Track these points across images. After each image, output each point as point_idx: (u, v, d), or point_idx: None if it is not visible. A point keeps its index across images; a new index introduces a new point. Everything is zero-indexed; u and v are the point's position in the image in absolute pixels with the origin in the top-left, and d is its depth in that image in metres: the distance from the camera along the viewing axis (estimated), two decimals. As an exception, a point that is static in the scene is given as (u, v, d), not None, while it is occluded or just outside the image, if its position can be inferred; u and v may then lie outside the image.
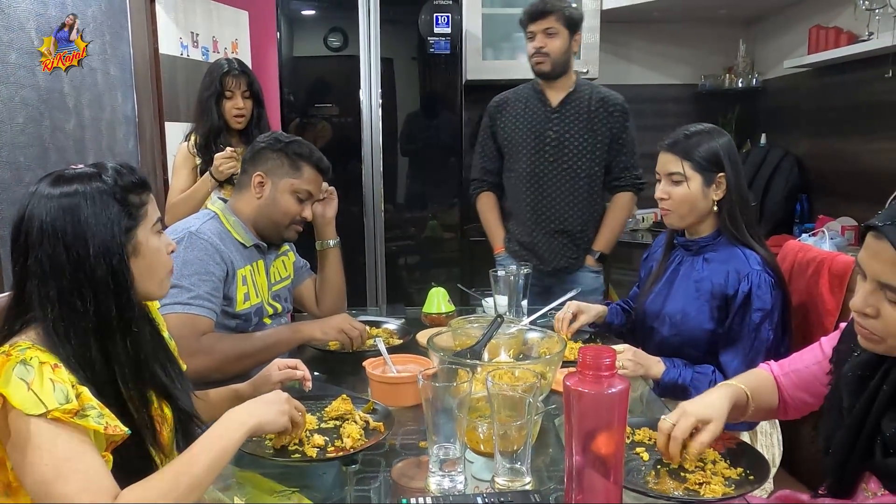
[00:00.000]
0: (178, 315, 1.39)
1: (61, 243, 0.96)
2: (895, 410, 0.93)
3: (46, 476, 0.87)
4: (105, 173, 1.02)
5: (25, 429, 0.88)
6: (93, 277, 0.97)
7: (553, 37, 2.15)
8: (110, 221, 0.99)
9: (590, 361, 0.79)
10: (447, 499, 0.93)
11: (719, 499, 0.93)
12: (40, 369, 0.90)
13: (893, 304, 0.88)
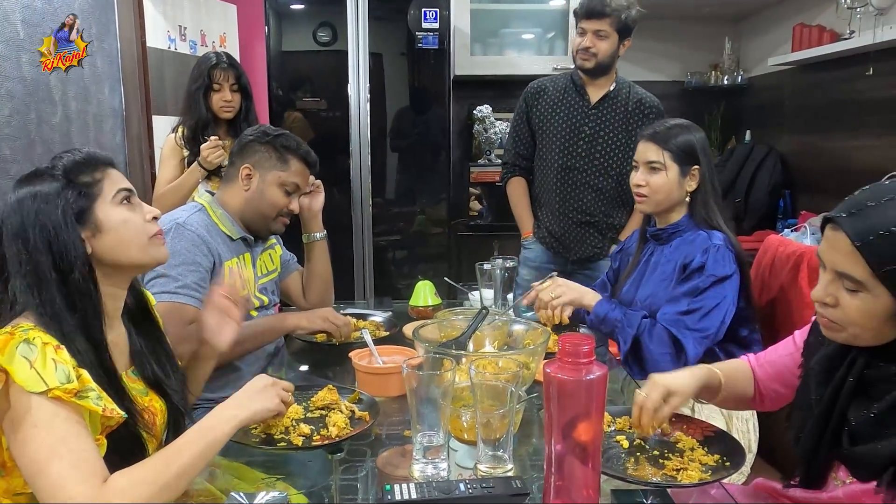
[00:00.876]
0: (164, 304, 1.40)
1: (16, 242, 1.00)
2: (860, 400, 0.95)
3: (40, 455, 0.88)
4: (55, 167, 1.04)
5: (25, 406, 0.89)
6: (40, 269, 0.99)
7: (603, 39, 2.16)
8: (54, 209, 1.00)
9: (569, 349, 0.81)
10: (430, 485, 0.94)
11: (696, 484, 0.96)
12: (43, 349, 0.92)
13: (851, 292, 0.91)
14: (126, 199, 1.08)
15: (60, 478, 0.88)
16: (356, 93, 2.83)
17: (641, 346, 1.52)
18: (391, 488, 0.93)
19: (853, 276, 0.90)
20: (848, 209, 0.92)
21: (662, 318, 1.52)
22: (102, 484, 0.89)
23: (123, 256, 1.07)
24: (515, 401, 1.03)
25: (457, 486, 0.94)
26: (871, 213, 0.90)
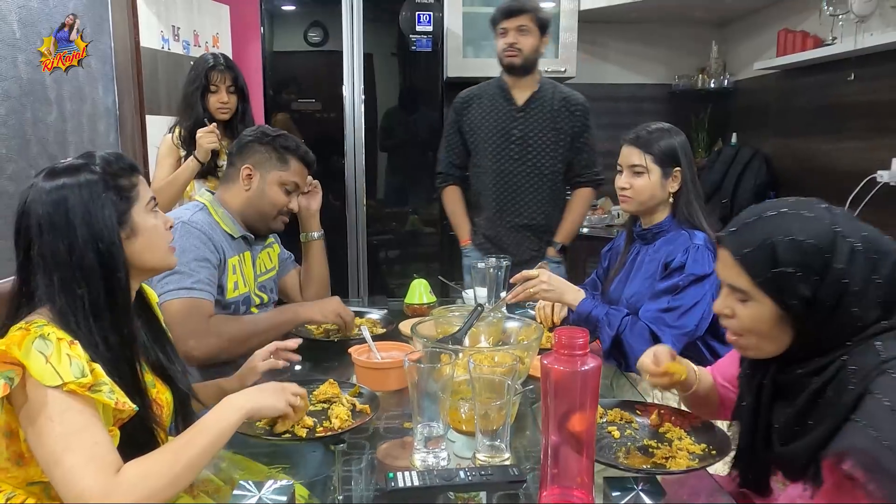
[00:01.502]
0: (183, 300, 1.44)
1: (56, 235, 1.01)
2: (781, 403, 1.01)
3: (55, 447, 0.91)
4: (93, 163, 1.07)
5: (42, 399, 0.92)
6: (84, 264, 1.02)
7: (525, 34, 2.23)
8: (100, 209, 1.03)
9: (565, 342, 0.85)
10: (431, 473, 0.99)
11: (683, 471, 1.00)
12: (58, 344, 0.95)
13: (742, 302, 0.98)
14: (154, 207, 1.13)
15: (74, 469, 0.91)
16: (350, 94, 2.87)
17: (623, 342, 1.58)
18: (394, 476, 0.97)
19: (739, 286, 0.98)
20: (730, 228, 1.01)
21: (644, 314, 1.58)
22: (115, 476, 0.92)
23: (148, 260, 1.11)
24: (512, 393, 1.08)
25: (457, 474, 0.98)
26: (747, 229, 0.98)
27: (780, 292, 0.94)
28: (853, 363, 0.91)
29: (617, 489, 0.98)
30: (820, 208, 0.97)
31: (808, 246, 0.92)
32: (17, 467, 1.01)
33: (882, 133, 2.36)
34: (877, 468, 0.82)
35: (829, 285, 0.92)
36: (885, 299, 0.92)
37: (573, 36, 3.19)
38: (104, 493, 0.90)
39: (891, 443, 0.82)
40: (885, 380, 0.87)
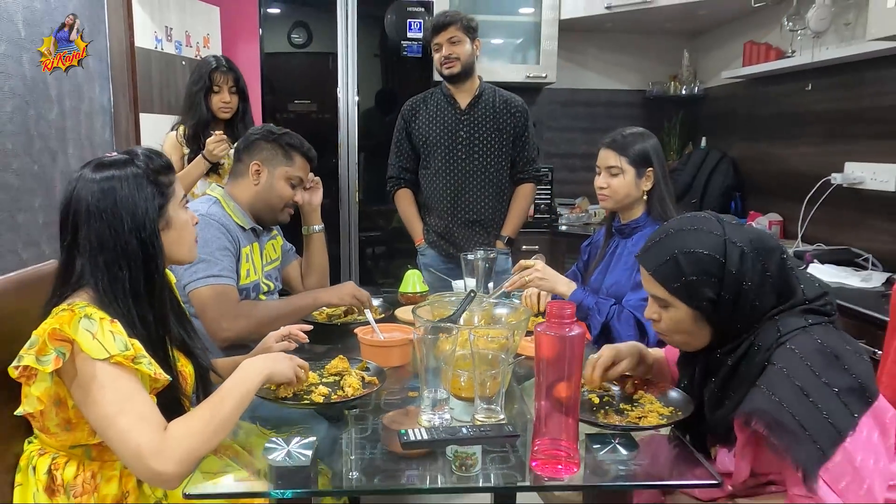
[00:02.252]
0: (213, 286, 1.57)
1: (104, 221, 1.13)
2: (708, 382, 1.19)
3: (109, 410, 1.04)
4: (137, 159, 1.19)
5: (91, 371, 1.05)
6: (128, 249, 1.14)
7: (457, 44, 2.38)
8: (144, 201, 1.16)
9: (556, 312, 1.01)
10: (438, 430, 1.13)
11: (653, 426, 1.17)
12: (101, 323, 1.08)
13: (664, 308, 1.17)
14: (185, 204, 1.26)
15: (128, 429, 1.04)
16: (344, 95, 3.00)
17: (611, 329, 1.74)
18: (406, 432, 1.12)
19: (658, 296, 1.16)
20: (644, 248, 1.20)
21: (627, 303, 1.74)
22: (163, 433, 1.06)
23: (177, 251, 1.25)
24: (506, 365, 1.23)
25: (460, 430, 1.13)
26: (656, 247, 1.17)
27: (689, 297, 1.13)
28: (759, 341, 1.09)
29: (597, 443, 1.14)
30: (712, 222, 1.15)
31: (704, 256, 1.11)
32: (64, 432, 1.14)
33: (835, 139, 2.57)
34: (775, 424, 0.99)
35: (728, 285, 1.10)
36: (779, 288, 1.10)
37: (553, 44, 3.36)
38: (157, 447, 1.03)
39: (786, 403, 0.99)
40: (782, 350, 1.05)
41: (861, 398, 1.01)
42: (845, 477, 0.98)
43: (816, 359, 1.02)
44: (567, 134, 3.81)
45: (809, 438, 0.97)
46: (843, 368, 1.01)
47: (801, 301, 1.11)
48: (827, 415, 0.98)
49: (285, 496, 1.00)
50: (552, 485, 1.09)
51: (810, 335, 1.05)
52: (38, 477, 1.17)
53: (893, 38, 1.92)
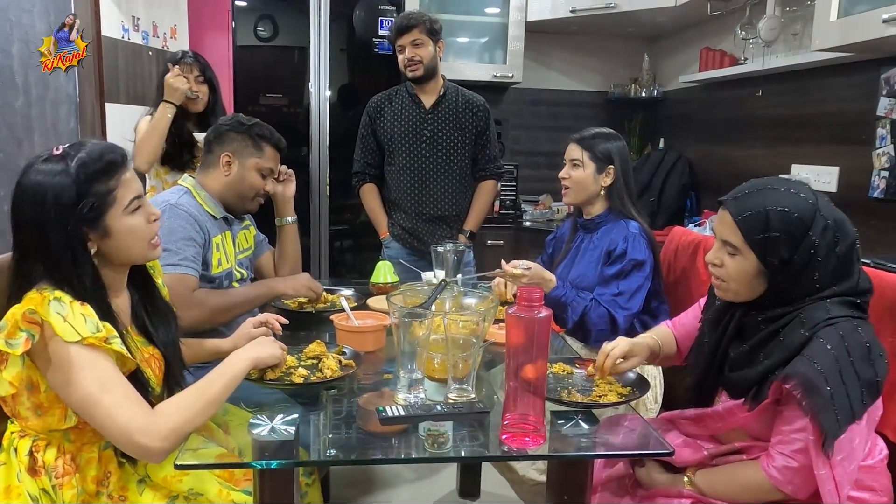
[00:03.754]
0: (170, 275, 1.59)
1: (34, 232, 1.11)
2: (737, 341, 1.29)
3: (92, 389, 1.07)
4: (70, 165, 1.11)
5: (66, 354, 1.07)
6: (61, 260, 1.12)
7: (421, 46, 2.46)
8: (70, 217, 1.11)
9: (525, 295, 1.09)
10: (414, 407, 1.21)
11: (612, 403, 1.26)
12: (71, 305, 1.09)
13: (731, 255, 1.24)
14: (137, 207, 1.19)
15: (115, 407, 1.08)
16: (316, 90, 3.04)
17: (586, 320, 1.84)
18: (384, 409, 1.19)
19: (732, 242, 1.23)
20: (733, 194, 1.26)
21: (600, 297, 1.85)
22: (150, 409, 1.10)
23: (124, 257, 1.22)
24: (477, 348, 1.31)
25: (434, 407, 1.21)
26: (748, 198, 1.23)
27: (765, 251, 1.19)
28: (806, 316, 1.17)
29: (561, 419, 1.24)
30: (808, 189, 1.21)
31: (794, 217, 1.16)
32: (36, 417, 1.16)
33: (784, 142, 2.73)
34: (812, 389, 1.09)
35: (803, 251, 1.17)
36: (840, 271, 1.19)
37: (520, 45, 3.45)
38: (145, 424, 1.08)
39: (826, 375, 1.08)
40: (829, 330, 1.14)
41: (873, 392, 1.12)
42: (843, 452, 1.09)
43: (855, 348, 1.11)
44: (532, 132, 3.91)
45: (834, 410, 1.07)
46: (871, 363, 1.12)
47: (854, 289, 1.19)
48: (850, 397, 1.09)
49: (271, 466, 1.06)
50: (518, 455, 1.18)
51: (854, 326, 1.14)
52: (20, 458, 1.19)
53: (835, 50, 2.06)
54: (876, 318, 1.38)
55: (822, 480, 1.09)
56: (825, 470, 1.08)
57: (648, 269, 1.88)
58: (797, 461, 1.13)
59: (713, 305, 1.37)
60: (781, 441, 1.16)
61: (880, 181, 2.20)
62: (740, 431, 1.28)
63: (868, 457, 1.23)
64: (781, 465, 1.15)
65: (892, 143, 2.14)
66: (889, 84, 2.15)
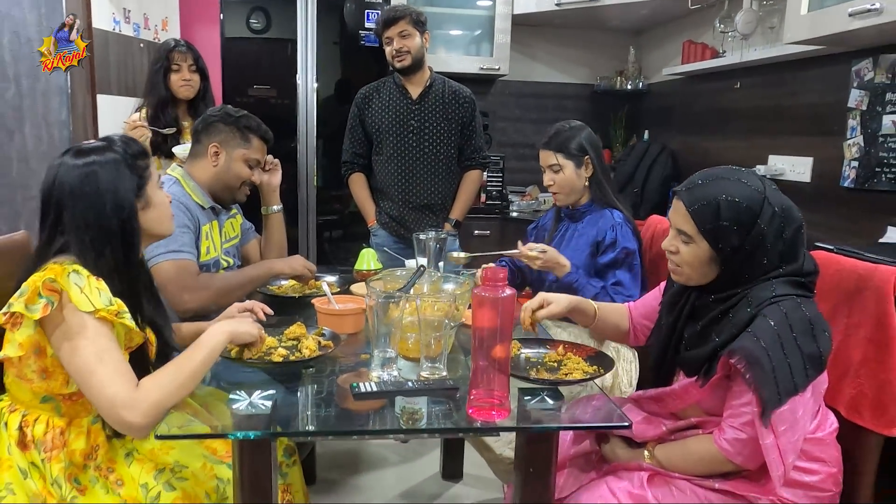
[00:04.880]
0: (173, 262, 1.66)
1: (88, 203, 1.23)
2: (691, 322, 1.36)
3: (91, 359, 1.14)
4: (115, 145, 1.29)
5: (78, 322, 1.15)
6: (110, 229, 1.25)
7: (407, 38, 2.51)
8: (123, 184, 1.27)
9: (490, 275, 1.15)
10: (387, 384, 1.27)
11: (577, 380, 1.33)
12: (88, 279, 1.18)
13: (685, 243, 1.30)
14: (161, 185, 1.36)
15: (106, 379, 1.14)
16: (304, 82, 3.08)
17: None
18: (357, 385, 1.25)
19: (686, 231, 1.29)
20: (686, 185, 1.31)
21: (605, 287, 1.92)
22: (135, 387, 1.17)
23: (158, 227, 1.36)
24: (448, 329, 1.37)
25: (406, 384, 1.27)
26: (700, 188, 1.29)
27: (716, 239, 1.25)
28: (753, 296, 1.24)
29: (528, 395, 1.30)
30: (756, 179, 1.27)
31: (743, 207, 1.22)
32: (41, 380, 1.23)
33: (760, 134, 2.79)
34: (754, 362, 1.16)
35: (752, 238, 1.23)
36: (786, 255, 1.25)
37: (506, 37, 3.50)
38: (129, 399, 1.14)
39: (768, 350, 1.15)
40: (773, 308, 1.20)
41: (816, 366, 1.19)
42: (786, 423, 1.16)
43: (797, 324, 1.18)
44: (518, 124, 3.97)
45: (775, 383, 1.14)
46: (813, 338, 1.18)
47: (799, 271, 1.25)
48: (791, 370, 1.15)
49: (248, 437, 1.12)
50: (485, 427, 1.24)
51: (798, 304, 1.20)
52: (10, 432, 1.25)
53: (805, 43, 2.12)
54: (834, 300, 1.45)
55: (767, 450, 1.15)
56: (770, 439, 1.15)
57: (638, 257, 1.95)
58: (746, 433, 1.20)
59: (671, 289, 1.44)
60: (732, 415, 1.23)
61: (850, 171, 2.26)
62: (696, 408, 1.34)
63: (818, 429, 1.30)
64: (732, 437, 1.22)
65: (862, 134, 2.21)
66: (859, 76, 2.22)
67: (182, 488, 1.30)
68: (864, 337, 1.38)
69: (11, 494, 1.22)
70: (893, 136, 2.08)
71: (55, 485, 1.22)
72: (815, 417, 1.30)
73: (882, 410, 1.33)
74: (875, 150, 2.15)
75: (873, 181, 2.16)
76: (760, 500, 1.25)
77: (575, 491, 1.40)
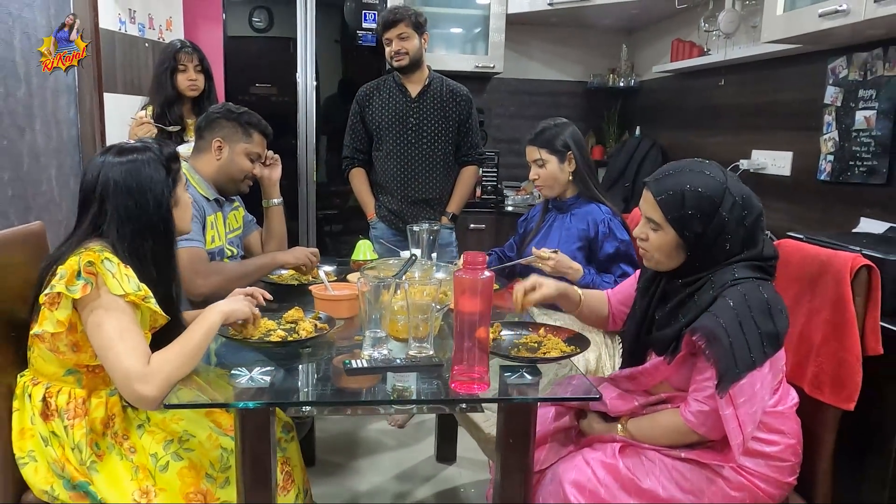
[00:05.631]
0: (187, 249, 1.78)
1: (131, 196, 1.37)
2: (662, 305, 1.46)
3: (113, 335, 1.26)
4: (152, 147, 1.43)
5: (108, 302, 1.28)
6: (151, 222, 1.38)
7: (407, 39, 2.61)
8: (161, 181, 1.41)
9: (470, 259, 1.25)
10: (377, 361, 1.37)
11: (554, 358, 1.43)
12: (118, 266, 1.31)
13: (654, 231, 1.40)
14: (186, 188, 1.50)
15: (123, 353, 1.26)
16: (303, 80, 3.18)
17: None
18: (349, 362, 1.35)
19: (654, 219, 1.39)
20: (655, 176, 1.41)
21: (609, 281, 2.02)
22: (147, 361, 1.28)
23: (182, 225, 1.49)
24: (435, 311, 1.47)
25: (394, 361, 1.37)
26: (666, 179, 1.39)
27: (681, 226, 1.35)
28: (716, 279, 1.34)
29: (508, 371, 1.40)
30: (717, 170, 1.37)
31: (705, 196, 1.32)
32: (72, 352, 1.36)
33: (744, 129, 2.88)
34: (713, 339, 1.26)
35: (715, 226, 1.33)
36: (747, 240, 1.35)
37: (501, 36, 3.59)
38: (141, 373, 1.25)
39: (726, 327, 1.25)
40: (733, 289, 1.30)
41: (773, 344, 1.29)
42: (745, 396, 1.26)
43: (756, 305, 1.28)
44: (514, 121, 4.06)
45: (733, 358, 1.24)
46: (771, 318, 1.28)
47: (759, 256, 1.35)
48: (749, 347, 1.25)
49: (248, 406, 1.22)
50: (467, 399, 1.34)
51: (756, 286, 1.30)
52: (34, 403, 1.37)
53: (781, 42, 2.21)
54: (799, 285, 1.55)
55: (727, 420, 1.25)
56: (729, 410, 1.25)
57: (631, 249, 2.04)
58: (708, 406, 1.30)
59: (645, 275, 1.54)
60: (696, 389, 1.33)
61: (826, 164, 2.35)
62: (666, 384, 1.44)
63: (779, 403, 1.40)
64: (696, 409, 1.32)
65: (837, 129, 2.30)
66: (834, 74, 2.31)
67: (188, 458, 1.41)
68: (825, 318, 1.48)
69: (34, 462, 1.33)
70: (865, 131, 2.17)
71: (76, 450, 1.33)
72: (776, 393, 1.39)
73: (840, 387, 1.42)
74: (849, 144, 2.25)
75: (847, 174, 2.26)
76: (723, 467, 1.35)
77: (554, 462, 1.50)
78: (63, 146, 3.26)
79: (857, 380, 1.39)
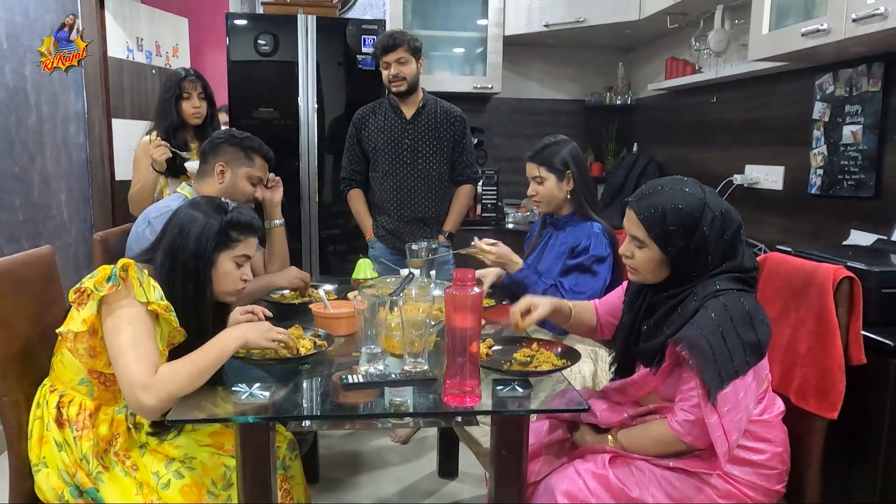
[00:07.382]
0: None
1: (180, 234, 1.47)
2: (648, 317, 1.50)
3: (126, 342, 1.33)
4: (227, 211, 1.53)
5: (132, 308, 1.35)
6: (187, 265, 1.47)
7: (405, 64, 2.68)
8: (210, 235, 1.48)
9: (460, 276, 1.31)
10: (372, 376, 1.42)
11: (546, 371, 1.47)
12: (147, 278, 1.39)
13: (638, 248, 1.45)
14: (241, 262, 1.54)
15: (132, 360, 1.32)
16: (305, 104, 3.27)
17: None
18: (346, 378, 1.40)
19: (638, 237, 1.44)
20: (636, 196, 1.46)
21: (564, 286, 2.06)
22: (155, 371, 1.33)
23: (218, 287, 1.54)
24: (429, 328, 1.52)
25: (390, 375, 1.42)
26: (648, 198, 1.44)
27: (664, 243, 1.40)
28: (699, 291, 1.39)
29: (500, 385, 1.44)
30: (696, 187, 1.42)
31: (685, 213, 1.38)
32: (88, 357, 1.42)
33: (737, 145, 2.93)
34: (696, 349, 1.30)
35: (696, 240, 1.38)
36: (727, 253, 1.39)
37: (499, 57, 3.67)
38: (147, 382, 1.31)
39: (708, 337, 1.29)
40: (714, 301, 1.35)
41: (756, 353, 1.33)
42: (729, 404, 1.30)
43: (737, 315, 1.32)
44: (513, 140, 4.12)
45: (716, 367, 1.29)
46: (752, 328, 1.33)
47: (739, 267, 1.39)
48: (732, 356, 1.30)
49: (248, 420, 1.27)
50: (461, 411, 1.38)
51: (738, 297, 1.35)
52: (49, 410, 1.44)
53: (767, 60, 2.27)
54: (785, 297, 1.59)
55: (712, 428, 1.29)
56: (714, 418, 1.28)
57: (609, 263, 2.08)
58: (694, 415, 1.34)
59: (631, 289, 1.58)
60: (682, 399, 1.36)
61: (816, 178, 2.40)
62: (654, 395, 1.48)
63: (765, 412, 1.43)
64: (682, 419, 1.36)
65: (826, 144, 2.35)
66: (822, 90, 2.36)
67: (190, 476, 1.45)
68: (809, 329, 1.52)
69: (45, 468, 1.39)
70: (853, 145, 2.22)
71: (84, 460, 1.39)
72: (762, 402, 1.43)
73: (824, 396, 1.46)
74: (837, 158, 2.29)
75: (836, 188, 2.30)
76: (711, 475, 1.38)
77: (547, 474, 1.54)
78: (73, 171, 3.35)
79: (840, 388, 1.42)
